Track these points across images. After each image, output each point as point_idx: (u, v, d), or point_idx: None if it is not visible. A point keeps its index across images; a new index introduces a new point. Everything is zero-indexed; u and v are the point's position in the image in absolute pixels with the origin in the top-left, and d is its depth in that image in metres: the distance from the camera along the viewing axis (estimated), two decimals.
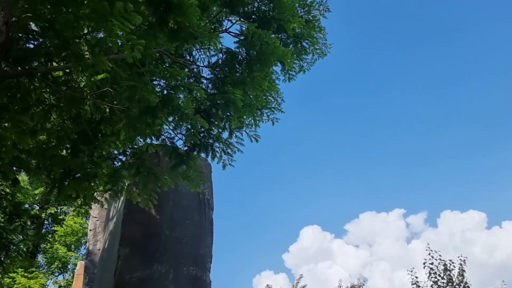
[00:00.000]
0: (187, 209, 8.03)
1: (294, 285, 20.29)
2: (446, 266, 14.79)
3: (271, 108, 5.83)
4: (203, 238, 7.97)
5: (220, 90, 4.73)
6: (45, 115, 5.41)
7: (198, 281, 7.55)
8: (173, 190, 7.95)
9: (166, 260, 7.39)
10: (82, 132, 5.03)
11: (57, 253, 17.82)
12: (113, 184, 5.10)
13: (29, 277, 16.09)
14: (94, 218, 11.62)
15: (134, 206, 7.68)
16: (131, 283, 7.11)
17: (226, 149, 5.11)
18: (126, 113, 4.42)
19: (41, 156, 5.06)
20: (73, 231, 18.09)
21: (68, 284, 17.87)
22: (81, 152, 4.74)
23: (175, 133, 5.06)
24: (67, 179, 5.24)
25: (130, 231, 7.46)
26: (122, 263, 7.22)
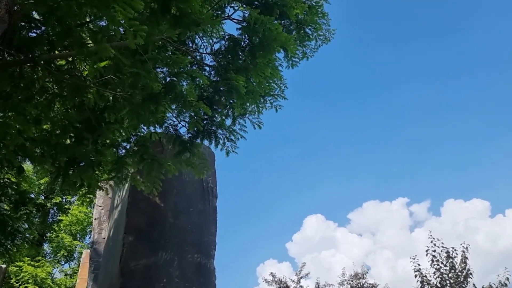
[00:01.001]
0: (191, 198, 8.08)
1: (297, 273, 20.42)
2: (449, 254, 14.85)
3: (274, 95, 5.83)
4: (207, 226, 8.03)
5: (223, 77, 4.73)
6: (49, 104, 5.43)
7: (202, 268, 7.62)
8: (177, 178, 8.00)
9: (171, 247, 7.46)
10: (86, 120, 5.04)
11: (63, 242, 18.01)
12: (117, 171, 5.13)
13: (35, 266, 16.29)
14: (99, 207, 11.72)
15: (138, 194, 7.74)
16: (136, 270, 7.19)
17: (229, 136, 5.12)
18: (130, 100, 4.42)
19: (46, 144, 5.09)
20: (78, 220, 18.26)
21: (74, 272, 18.10)
22: (85, 140, 4.76)
23: (178, 120, 5.07)
24: (72, 167, 5.28)
25: (134, 219, 7.52)
26: (127, 250, 7.29)
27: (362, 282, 18.63)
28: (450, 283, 14.39)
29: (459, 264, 14.63)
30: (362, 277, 18.82)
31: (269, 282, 20.15)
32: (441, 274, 14.65)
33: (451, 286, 14.34)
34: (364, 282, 18.69)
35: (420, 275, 14.98)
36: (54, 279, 17.78)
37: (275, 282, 20.08)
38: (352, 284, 18.79)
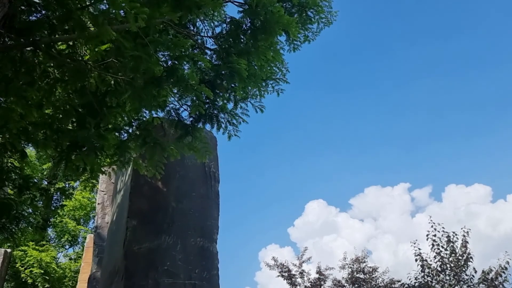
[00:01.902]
0: (193, 182, 8.13)
1: (299, 257, 20.60)
2: (449, 238, 14.94)
3: (276, 79, 5.80)
4: (210, 210, 8.09)
5: (225, 61, 4.70)
6: (50, 89, 5.42)
7: (205, 251, 7.71)
8: (179, 163, 8.04)
9: (174, 231, 7.54)
10: (88, 105, 5.05)
11: (67, 227, 18.21)
12: (120, 155, 5.15)
13: (40, 250, 16.50)
14: (102, 192, 11.81)
15: (141, 179, 7.79)
16: (140, 254, 7.27)
17: (231, 120, 5.11)
18: (131, 84, 4.42)
19: (48, 128, 5.10)
20: (81, 205, 18.42)
21: (78, 256, 18.32)
22: (87, 124, 4.77)
23: (180, 104, 5.07)
24: (74, 152, 5.30)
25: (137, 203, 7.58)
26: (130, 234, 7.37)
27: (363, 266, 18.79)
28: (451, 267, 14.51)
29: (460, 248, 14.74)
30: (363, 261, 18.97)
31: (271, 266, 20.35)
32: (442, 258, 14.77)
33: (452, 270, 14.47)
34: (364, 265, 18.84)
35: (421, 259, 15.11)
36: (59, 263, 18.01)
37: (277, 266, 20.28)
38: (352, 268, 18.95)
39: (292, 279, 19.80)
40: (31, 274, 15.73)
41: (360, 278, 18.37)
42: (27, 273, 15.76)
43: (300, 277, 19.94)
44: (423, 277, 14.91)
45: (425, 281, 14.78)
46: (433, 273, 14.72)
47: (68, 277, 17.16)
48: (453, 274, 14.41)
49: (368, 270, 18.50)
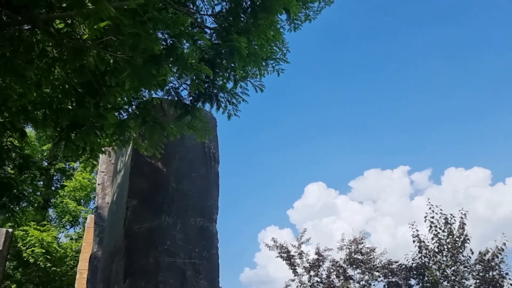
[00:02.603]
0: (193, 163, 8.15)
1: (298, 239, 20.80)
2: (447, 220, 15.08)
3: (276, 58, 5.75)
4: (210, 190, 8.13)
5: (225, 39, 4.66)
6: (49, 68, 5.39)
7: (204, 231, 7.78)
8: (179, 143, 8.05)
9: (174, 211, 7.59)
10: (87, 83, 5.02)
11: (67, 208, 18.35)
12: (120, 134, 5.15)
13: (41, 230, 16.66)
14: (102, 173, 11.85)
15: (141, 159, 7.80)
16: (140, 233, 7.34)
17: (231, 99, 5.09)
18: (130, 63, 4.38)
19: (47, 107, 5.09)
20: (81, 186, 18.52)
21: (79, 236, 18.52)
22: (87, 103, 4.75)
23: (180, 83, 5.04)
24: (74, 131, 5.30)
25: (137, 183, 7.62)
26: (130, 214, 7.42)
27: (360, 247, 18.99)
28: (448, 248, 14.69)
29: (457, 230, 14.89)
30: (361, 242, 19.16)
31: (271, 247, 20.56)
32: (439, 239, 14.93)
33: (449, 251, 14.64)
34: (362, 247, 19.05)
35: (418, 240, 15.28)
36: (60, 243, 18.22)
37: (276, 247, 20.49)
38: (350, 249, 19.16)
39: (291, 260, 20.05)
40: (33, 254, 15.93)
41: (358, 259, 18.61)
42: (29, 252, 15.96)
43: (299, 258, 20.19)
44: (420, 258, 15.11)
45: (422, 262, 14.99)
46: (430, 254, 14.91)
47: (70, 256, 17.38)
48: (450, 255, 14.60)
49: (366, 251, 18.72)
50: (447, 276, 14.52)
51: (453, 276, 14.45)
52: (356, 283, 18.88)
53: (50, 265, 16.29)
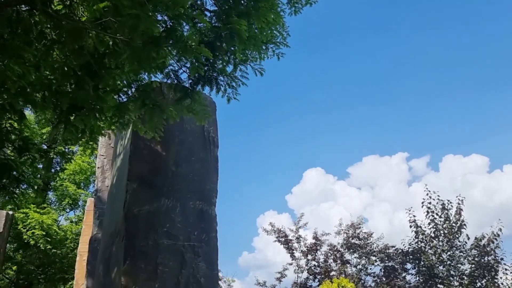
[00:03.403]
0: (193, 146, 8.16)
1: (296, 223, 20.95)
2: (444, 206, 15.21)
3: (276, 42, 5.72)
4: (209, 174, 8.17)
5: (225, 22, 4.63)
6: (47, 50, 5.36)
7: (204, 214, 7.84)
8: (178, 127, 8.05)
9: (173, 194, 7.64)
10: (86, 66, 5.00)
11: (67, 191, 18.40)
12: (120, 117, 5.15)
13: (41, 213, 16.74)
14: (102, 156, 11.87)
15: (140, 143, 7.82)
16: (140, 216, 7.40)
17: (231, 83, 5.08)
18: (130, 44, 4.36)
19: (47, 89, 5.08)
20: (81, 169, 18.55)
21: (79, 219, 18.64)
22: (86, 85, 4.74)
23: (179, 65, 5.02)
24: (73, 113, 5.30)
25: (137, 167, 7.64)
26: (130, 197, 7.47)
27: (358, 232, 19.16)
28: (444, 233, 14.84)
29: (454, 216, 15.03)
30: (358, 227, 19.33)
31: (269, 231, 20.73)
32: (436, 225, 15.08)
33: (445, 236, 14.80)
34: (360, 231, 19.21)
35: (415, 225, 15.43)
36: (60, 226, 18.34)
37: (274, 231, 20.65)
38: (348, 233, 19.33)
39: (288, 244, 20.25)
40: (33, 236, 16.03)
41: (355, 244, 18.82)
42: (29, 234, 16.06)
43: (297, 242, 20.39)
44: (417, 243, 15.29)
45: (419, 246, 15.16)
46: (427, 239, 15.08)
47: (70, 239, 17.51)
48: (446, 240, 14.77)
49: (363, 236, 18.92)
50: (442, 260, 14.71)
51: (449, 261, 14.64)
52: (353, 267, 19.13)
53: (51, 247, 16.42)
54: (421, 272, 14.97)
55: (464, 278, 14.40)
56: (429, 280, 14.67)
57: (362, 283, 18.50)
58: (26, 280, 18.37)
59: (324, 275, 19.33)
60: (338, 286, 14.91)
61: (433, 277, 14.61)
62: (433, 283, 14.66)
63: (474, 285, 14.20)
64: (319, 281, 19.32)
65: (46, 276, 18.20)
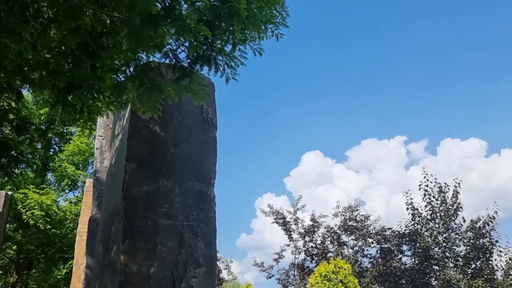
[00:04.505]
0: (191, 127, 8.15)
1: (294, 205, 21.12)
2: (441, 189, 15.35)
3: (275, 22, 5.66)
4: (207, 155, 8.18)
5: (223, 1, 4.57)
6: (44, 29, 5.31)
7: (202, 195, 7.88)
8: (177, 108, 8.03)
9: (172, 175, 7.66)
10: (83, 44, 4.96)
11: (66, 172, 18.45)
12: (118, 96, 5.14)
13: (40, 193, 16.82)
14: (100, 137, 11.87)
15: (139, 123, 7.80)
16: (139, 196, 7.44)
17: (229, 63, 5.04)
18: (127, 23, 4.32)
19: (44, 68, 5.04)
20: (80, 150, 18.56)
21: (78, 200, 18.75)
22: (83, 63, 4.71)
23: (178, 44, 4.98)
24: (71, 93, 5.28)
25: (135, 147, 7.64)
26: (129, 177, 7.49)
27: (355, 214, 19.34)
28: (440, 215, 15.01)
29: (450, 199, 15.18)
30: (355, 209, 19.51)
31: (267, 213, 20.91)
32: (432, 207, 15.25)
33: (441, 218, 14.97)
34: (357, 214, 19.40)
35: (412, 208, 15.60)
36: (59, 206, 18.46)
37: (272, 213, 20.83)
38: (345, 216, 19.52)
39: (286, 226, 20.48)
40: (33, 216, 16.14)
41: (352, 226, 19.04)
42: (28, 214, 16.17)
43: (295, 224, 20.63)
44: (413, 225, 15.48)
45: (415, 228, 15.36)
46: (423, 221, 15.26)
47: (69, 219, 17.65)
48: (442, 222, 14.94)
49: (360, 218, 19.12)
50: (438, 242, 14.92)
51: (444, 243, 14.84)
52: (350, 248, 19.39)
53: (50, 228, 16.55)
54: (416, 254, 15.19)
55: (459, 260, 14.62)
56: (424, 262, 14.90)
57: (359, 264, 18.79)
58: (26, 260, 18.59)
59: (321, 256, 19.61)
60: (335, 267, 15.13)
61: (428, 258, 14.83)
62: (428, 264, 14.89)
63: (468, 267, 14.44)
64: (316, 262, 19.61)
65: (46, 256, 18.41)
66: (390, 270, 15.51)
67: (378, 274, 15.92)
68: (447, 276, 13.92)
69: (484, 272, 13.81)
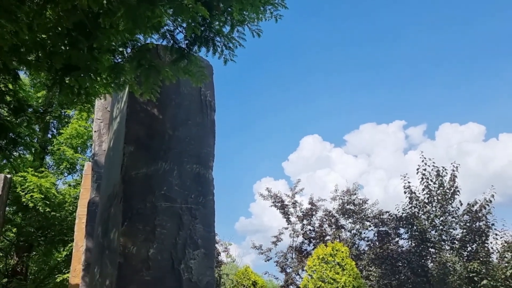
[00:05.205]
0: (189, 110, 8.13)
1: (292, 189, 21.21)
2: (439, 172, 15.41)
3: (274, 4, 5.59)
4: (206, 138, 8.18)
5: None
6: (40, 10, 5.24)
7: (201, 177, 7.90)
8: (175, 91, 8.00)
9: (170, 158, 7.67)
10: (80, 25, 4.90)
11: (65, 155, 18.46)
12: (115, 77, 5.10)
13: (39, 176, 16.85)
14: (98, 120, 11.84)
15: (137, 106, 7.78)
16: (137, 179, 7.46)
17: (228, 44, 5.00)
18: (124, 2, 4.26)
19: (40, 49, 4.99)
20: (78, 133, 18.54)
21: (77, 183, 18.81)
22: (80, 43, 4.66)
23: (175, 25, 4.92)
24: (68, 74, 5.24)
25: (134, 130, 7.63)
26: (127, 160, 7.50)
27: (353, 198, 19.46)
28: (438, 199, 15.11)
29: (448, 182, 15.25)
30: (353, 193, 19.62)
31: (265, 196, 21.02)
32: (430, 191, 15.33)
33: (438, 202, 15.07)
34: (355, 197, 19.52)
35: (410, 191, 15.69)
36: (59, 189, 18.52)
37: (271, 197, 20.94)
38: (343, 199, 19.64)
39: (285, 209, 20.62)
40: (32, 199, 16.21)
41: (350, 209, 19.18)
42: (28, 197, 16.23)
43: (293, 207, 20.76)
44: (411, 208, 15.59)
45: (412, 212, 15.47)
46: (420, 204, 15.37)
47: (68, 202, 17.73)
48: (439, 206, 15.05)
49: (358, 202, 19.25)
50: (435, 225, 15.05)
51: (441, 226, 14.98)
52: (347, 232, 19.57)
53: (50, 210, 16.63)
54: (413, 237, 15.34)
55: (455, 243, 14.78)
56: (421, 244, 15.06)
57: (356, 247, 19.00)
58: (27, 242, 18.74)
59: (319, 239, 19.80)
60: (332, 250, 15.29)
61: (425, 241, 14.99)
62: (425, 247, 15.05)
63: (464, 249, 14.60)
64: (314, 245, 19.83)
65: (46, 238, 18.56)
66: (387, 253, 15.68)
67: (375, 257, 16.11)
68: (443, 258, 14.09)
69: (479, 254, 13.97)
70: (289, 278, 20.01)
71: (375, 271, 15.68)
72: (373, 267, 16.02)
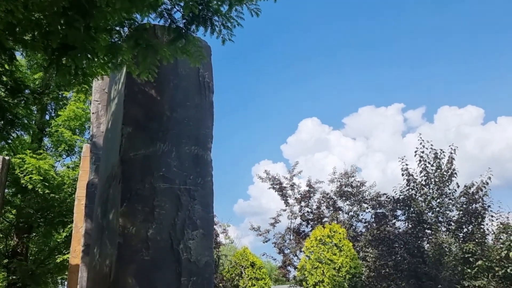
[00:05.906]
0: (188, 91, 8.08)
1: (290, 171, 21.29)
2: (437, 155, 15.45)
3: None
4: (204, 119, 8.16)
5: None
6: None
7: (199, 159, 7.92)
8: (173, 72, 7.94)
9: (168, 139, 7.66)
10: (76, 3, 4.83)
11: (63, 137, 18.43)
12: (112, 57, 5.05)
13: (38, 158, 16.85)
14: (96, 102, 11.80)
15: (134, 86, 7.73)
16: (136, 160, 7.46)
17: (226, 23, 4.94)
18: None
19: (37, 28, 4.93)
20: (76, 115, 18.48)
21: (75, 165, 18.84)
22: (76, 22, 4.60)
23: (173, 3, 4.85)
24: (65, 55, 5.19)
25: (132, 111, 7.60)
26: (126, 141, 7.49)
27: (351, 180, 19.56)
28: (435, 181, 15.19)
29: (445, 165, 15.31)
30: (351, 175, 19.72)
31: (263, 179, 21.11)
32: (427, 173, 15.40)
33: (436, 184, 15.16)
34: (353, 180, 19.62)
35: (407, 174, 15.74)
36: (57, 171, 18.55)
37: (269, 179, 21.03)
38: (341, 181, 19.73)
39: (283, 191, 20.74)
40: (31, 181, 16.24)
41: (348, 192, 19.30)
42: (26, 179, 16.26)
43: (291, 189, 20.89)
44: (408, 190, 15.67)
45: (409, 194, 15.56)
46: (418, 186, 15.45)
47: (67, 184, 17.79)
48: (436, 188, 15.14)
49: (356, 184, 19.36)
50: (432, 207, 15.17)
51: (438, 208, 15.10)
52: (345, 213, 19.74)
53: (49, 192, 16.69)
54: (410, 218, 15.47)
55: (452, 224, 14.92)
56: (417, 226, 15.21)
57: (353, 228, 19.19)
58: (26, 223, 18.86)
59: (316, 221, 19.99)
60: (330, 231, 15.46)
61: (421, 223, 15.13)
62: (421, 228, 15.20)
63: (460, 231, 14.75)
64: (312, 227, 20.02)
65: (45, 220, 18.69)
66: (384, 234, 15.85)
67: (372, 238, 16.28)
68: (439, 239, 14.24)
69: (475, 236, 14.12)
70: (287, 259, 20.28)
71: (371, 252, 15.88)
72: (370, 248, 16.21)
